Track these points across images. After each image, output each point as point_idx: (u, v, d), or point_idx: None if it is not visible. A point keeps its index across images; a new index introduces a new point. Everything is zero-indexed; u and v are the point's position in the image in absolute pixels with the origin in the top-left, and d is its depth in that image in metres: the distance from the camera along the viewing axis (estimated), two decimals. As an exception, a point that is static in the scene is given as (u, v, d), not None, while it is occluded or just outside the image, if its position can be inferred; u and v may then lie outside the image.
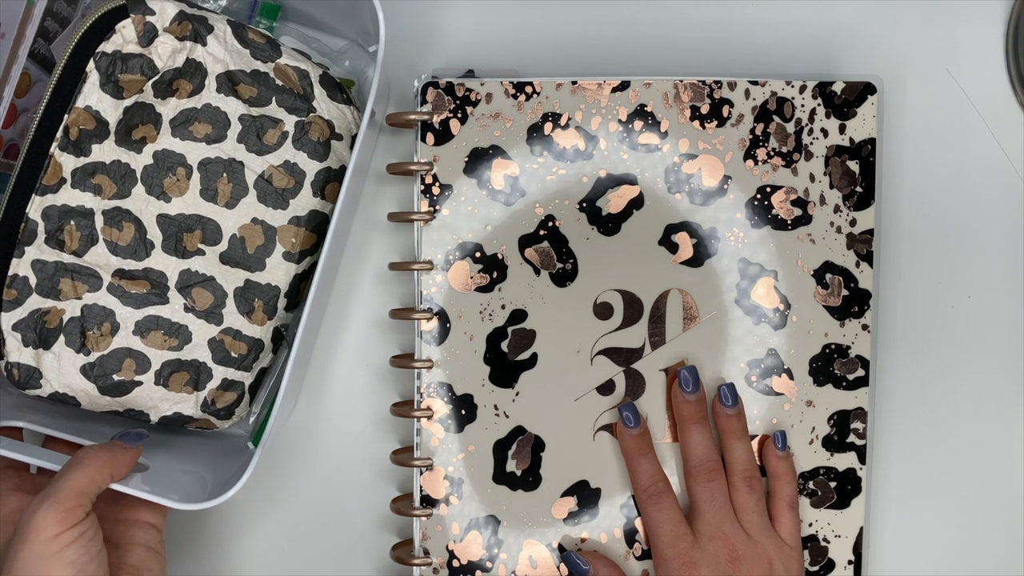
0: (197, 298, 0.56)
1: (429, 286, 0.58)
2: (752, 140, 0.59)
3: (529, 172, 0.58)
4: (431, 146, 0.58)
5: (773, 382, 0.59)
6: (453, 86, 0.58)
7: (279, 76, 0.56)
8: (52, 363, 0.55)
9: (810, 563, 0.59)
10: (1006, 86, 0.63)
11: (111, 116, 0.54)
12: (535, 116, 0.58)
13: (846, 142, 0.59)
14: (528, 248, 0.59)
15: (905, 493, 0.63)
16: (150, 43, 0.54)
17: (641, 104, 0.58)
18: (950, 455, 0.63)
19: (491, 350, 0.58)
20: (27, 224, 0.54)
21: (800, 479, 0.59)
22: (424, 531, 0.58)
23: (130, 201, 0.55)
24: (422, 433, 0.58)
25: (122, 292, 0.55)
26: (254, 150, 0.56)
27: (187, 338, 0.56)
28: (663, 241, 0.59)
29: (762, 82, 0.59)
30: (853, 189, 0.59)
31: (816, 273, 0.59)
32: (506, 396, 0.58)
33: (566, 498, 0.59)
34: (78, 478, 0.49)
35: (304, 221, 0.57)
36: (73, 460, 0.50)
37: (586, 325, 0.59)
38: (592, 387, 0.59)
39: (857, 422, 0.59)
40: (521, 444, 0.59)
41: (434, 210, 0.58)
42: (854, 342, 0.59)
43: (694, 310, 0.59)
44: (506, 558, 0.58)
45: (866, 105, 0.59)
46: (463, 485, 0.58)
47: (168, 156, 0.55)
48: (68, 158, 0.54)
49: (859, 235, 0.59)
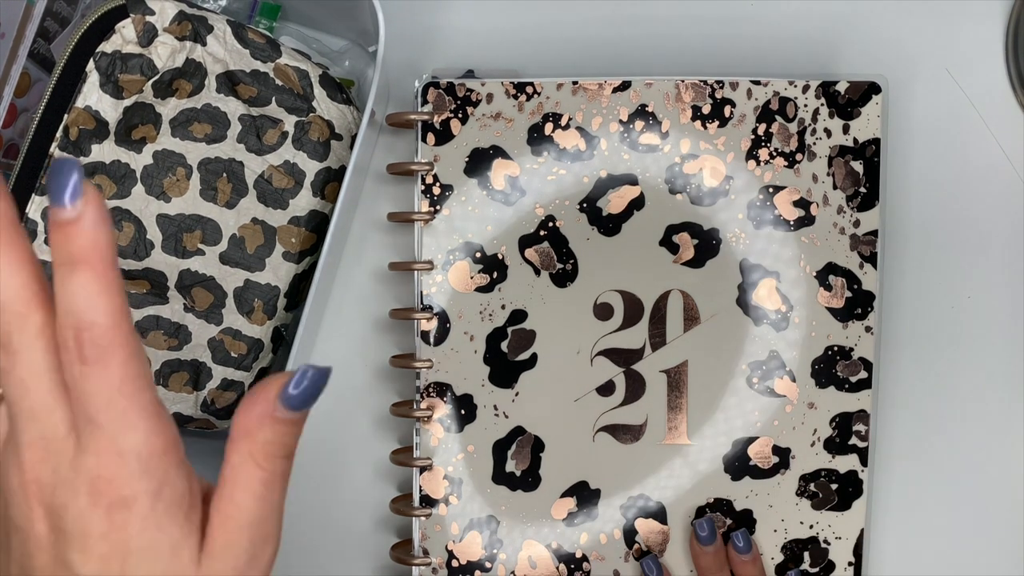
0: (197, 298, 0.56)
1: (429, 286, 0.58)
2: (754, 140, 0.58)
3: (530, 172, 0.58)
4: (431, 146, 0.58)
5: (775, 384, 0.59)
6: (454, 86, 0.58)
7: (279, 76, 0.56)
8: (51, 363, 0.55)
9: (810, 564, 0.59)
10: (1006, 86, 0.63)
11: (111, 116, 0.54)
12: (536, 116, 0.58)
13: (850, 142, 0.59)
14: (528, 248, 0.58)
15: (906, 495, 0.63)
16: (150, 43, 0.54)
17: (642, 104, 0.58)
18: (951, 457, 0.63)
19: (491, 350, 0.58)
20: (27, 224, 0.54)
21: (801, 481, 0.59)
22: (423, 531, 0.58)
23: (130, 201, 0.55)
24: (422, 433, 0.58)
25: (122, 292, 0.55)
26: (254, 150, 0.56)
27: (187, 338, 0.56)
28: (664, 242, 0.59)
29: (764, 82, 0.58)
30: (857, 190, 0.59)
31: (819, 274, 0.59)
32: (506, 396, 0.58)
33: (566, 498, 0.58)
34: None
35: (304, 221, 0.57)
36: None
37: (586, 326, 0.58)
38: (592, 388, 0.58)
39: (859, 424, 0.59)
40: (521, 444, 0.58)
41: (434, 210, 0.58)
42: (857, 344, 0.59)
43: (695, 311, 0.59)
44: (505, 558, 0.58)
45: (870, 105, 0.59)
46: (463, 485, 0.58)
47: (168, 156, 0.55)
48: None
49: (863, 236, 0.59)
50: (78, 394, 0.34)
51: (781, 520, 0.59)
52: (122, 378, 0.33)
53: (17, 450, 0.35)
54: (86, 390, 0.33)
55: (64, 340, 0.33)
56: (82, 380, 0.33)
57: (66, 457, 0.34)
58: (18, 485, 0.35)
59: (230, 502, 0.36)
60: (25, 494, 0.35)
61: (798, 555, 0.59)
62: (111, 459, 0.34)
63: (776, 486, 0.59)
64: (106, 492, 0.34)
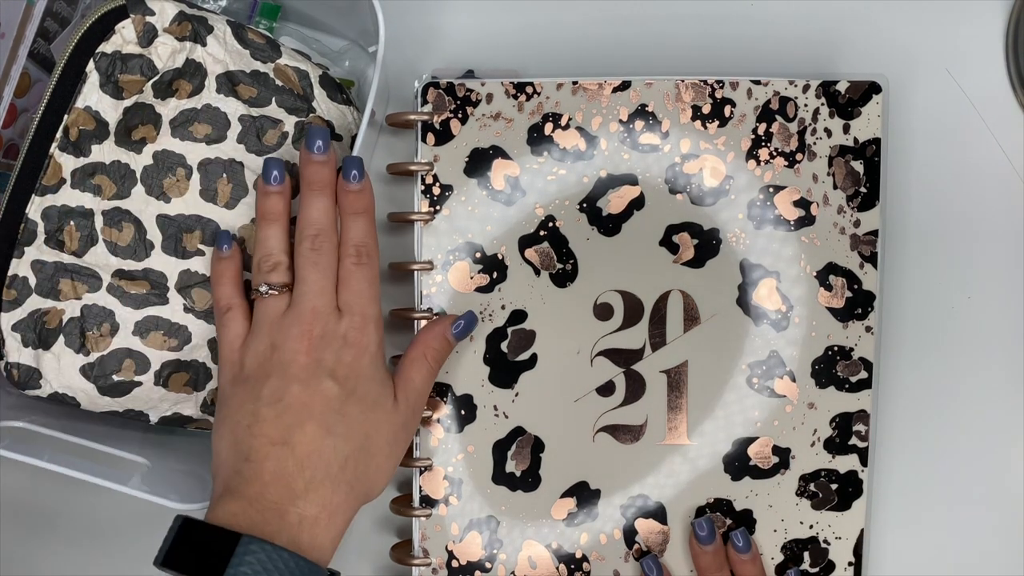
0: (197, 298, 0.56)
1: (429, 286, 0.58)
2: (754, 140, 0.58)
3: (529, 172, 0.58)
4: (431, 146, 0.58)
5: (775, 384, 0.59)
6: (453, 86, 0.58)
7: (279, 77, 0.56)
8: (52, 363, 0.55)
9: (810, 565, 0.59)
10: (1006, 86, 0.63)
11: (111, 116, 0.54)
12: (536, 116, 0.58)
13: (850, 142, 0.59)
14: (528, 248, 0.58)
15: (906, 495, 0.63)
16: (150, 43, 0.54)
17: (642, 104, 0.58)
18: (951, 457, 0.63)
19: (491, 350, 0.58)
20: (27, 224, 0.54)
21: (801, 481, 0.59)
22: (423, 531, 0.58)
23: (130, 201, 0.55)
24: (422, 433, 0.58)
25: (122, 292, 0.55)
26: (254, 151, 0.56)
27: (187, 338, 0.56)
28: (664, 242, 0.59)
29: (764, 81, 0.58)
30: (857, 190, 0.59)
31: (819, 274, 0.59)
32: (506, 396, 0.58)
33: (565, 499, 0.58)
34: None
35: (304, 221, 0.57)
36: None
37: (586, 326, 0.58)
38: (592, 388, 0.58)
39: (859, 424, 0.59)
40: (521, 445, 0.58)
41: (434, 210, 0.58)
42: (857, 344, 0.59)
43: (695, 311, 0.59)
44: (505, 558, 0.58)
45: (870, 105, 0.59)
46: (463, 485, 0.58)
47: (168, 156, 0.55)
48: (68, 158, 0.54)
49: (863, 236, 0.59)
50: (350, 283, 0.54)
51: (781, 520, 0.59)
52: (373, 276, 0.55)
53: (300, 314, 0.53)
54: (354, 279, 0.54)
55: (347, 250, 0.54)
56: (356, 272, 0.54)
57: (332, 320, 0.53)
58: (297, 334, 0.53)
59: (408, 378, 0.56)
60: (300, 339, 0.52)
61: (798, 555, 0.59)
62: (360, 321, 0.53)
63: (776, 486, 0.59)
64: (354, 341, 0.53)
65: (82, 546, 0.64)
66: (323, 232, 0.54)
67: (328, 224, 0.54)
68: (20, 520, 0.64)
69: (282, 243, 0.55)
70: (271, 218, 0.55)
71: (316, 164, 0.54)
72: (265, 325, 0.54)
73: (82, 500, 0.63)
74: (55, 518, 0.64)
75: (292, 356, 0.52)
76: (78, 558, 0.64)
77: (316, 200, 0.54)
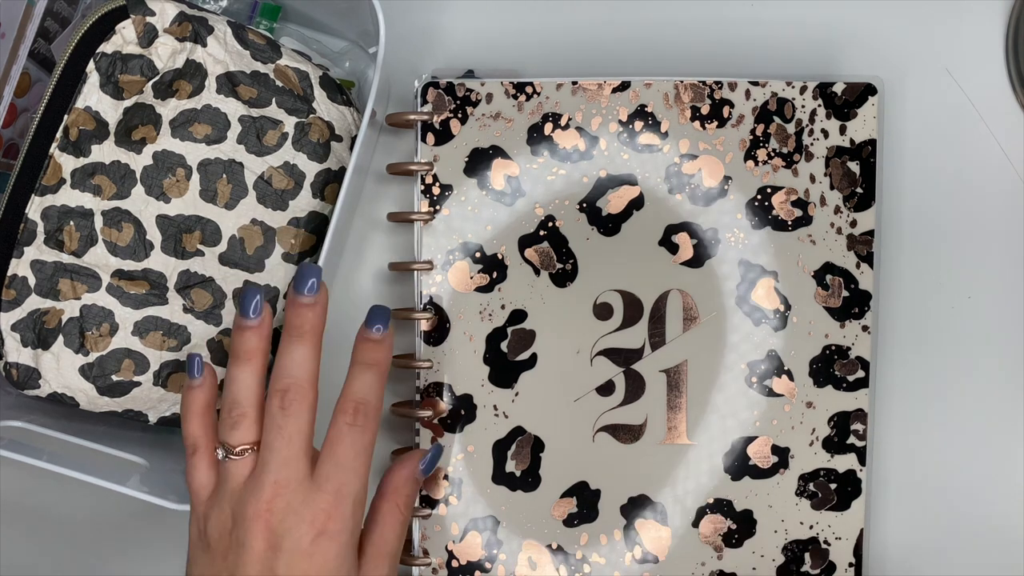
0: (196, 299, 0.56)
1: (429, 286, 0.58)
2: (752, 141, 0.59)
3: (529, 172, 0.58)
4: (431, 146, 0.58)
5: (773, 383, 0.59)
6: (453, 86, 0.58)
7: (279, 77, 0.56)
8: (51, 363, 0.55)
9: (811, 566, 0.59)
10: (1006, 86, 0.63)
11: (111, 117, 0.54)
12: (535, 116, 0.58)
13: (847, 143, 0.59)
14: (528, 248, 0.58)
15: (905, 494, 0.63)
16: (150, 44, 0.54)
17: (641, 104, 0.58)
18: (950, 456, 0.63)
19: (491, 350, 0.58)
20: (26, 224, 0.54)
21: (800, 480, 0.59)
22: (423, 531, 0.58)
23: (129, 202, 0.55)
24: (422, 433, 0.58)
25: (121, 292, 0.55)
26: (254, 151, 0.56)
27: (186, 339, 0.56)
28: (663, 242, 0.59)
29: (762, 83, 0.59)
30: (854, 190, 0.59)
31: (816, 274, 0.59)
32: (506, 396, 0.58)
33: (566, 499, 0.59)
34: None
35: (303, 222, 0.57)
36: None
37: (586, 325, 0.58)
38: (592, 388, 0.59)
39: (857, 423, 0.59)
40: (520, 444, 0.58)
41: (434, 210, 0.58)
42: (854, 343, 0.59)
43: (694, 311, 0.59)
44: (505, 559, 0.58)
45: (867, 106, 0.59)
46: (462, 485, 0.58)
47: (168, 157, 0.55)
48: (68, 158, 0.54)
49: (859, 236, 0.59)
50: (335, 448, 0.48)
51: (781, 520, 0.59)
52: (366, 443, 0.48)
53: (262, 486, 0.47)
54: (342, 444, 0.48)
55: (344, 405, 0.48)
56: (347, 435, 0.48)
57: (300, 494, 0.47)
58: (253, 512, 0.47)
59: (380, 537, 0.50)
60: (256, 520, 0.47)
61: (799, 556, 0.59)
62: (332, 502, 0.47)
63: (776, 486, 0.59)
64: (324, 524, 0.47)
65: (81, 546, 0.64)
66: (295, 387, 0.48)
67: (304, 378, 0.48)
68: (20, 520, 0.64)
69: (253, 391, 0.49)
70: (244, 358, 0.49)
71: (302, 307, 0.48)
72: (227, 491, 0.49)
73: (81, 500, 0.63)
74: (54, 518, 0.64)
75: (248, 539, 0.47)
76: (78, 558, 0.64)
77: (295, 348, 0.48)
